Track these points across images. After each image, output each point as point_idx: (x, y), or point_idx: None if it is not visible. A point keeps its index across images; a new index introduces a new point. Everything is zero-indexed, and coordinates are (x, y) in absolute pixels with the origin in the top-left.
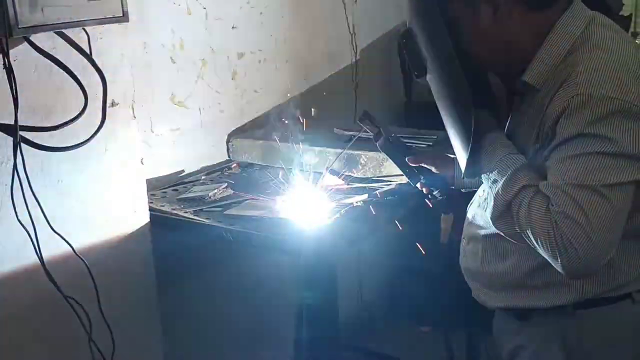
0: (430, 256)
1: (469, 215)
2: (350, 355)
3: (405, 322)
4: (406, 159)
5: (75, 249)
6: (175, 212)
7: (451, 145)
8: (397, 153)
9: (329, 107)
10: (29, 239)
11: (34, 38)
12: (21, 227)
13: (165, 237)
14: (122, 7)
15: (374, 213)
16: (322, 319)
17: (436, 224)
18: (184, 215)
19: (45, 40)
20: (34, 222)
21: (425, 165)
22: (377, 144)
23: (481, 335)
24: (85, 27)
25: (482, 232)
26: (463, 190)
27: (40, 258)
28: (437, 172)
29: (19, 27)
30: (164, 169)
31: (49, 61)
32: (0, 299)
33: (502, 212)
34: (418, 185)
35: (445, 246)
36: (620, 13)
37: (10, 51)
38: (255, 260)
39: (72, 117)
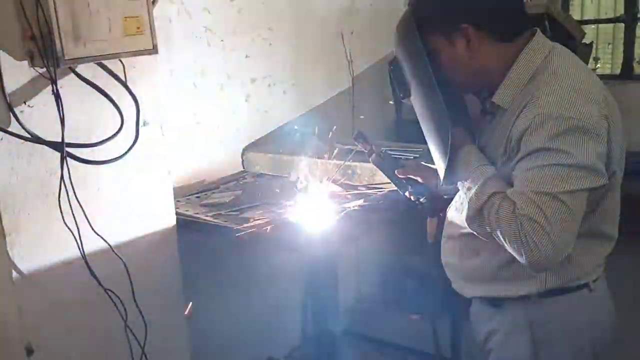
0: (418, 253)
1: (448, 217)
2: (349, 340)
3: (396, 310)
4: (395, 172)
5: (113, 247)
6: (198, 215)
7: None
8: (388, 166)
9: (329, 125)
10: (74, 240)
11: (77, 68)
12: (67, 229)
13: (189, 237)
14: (153, 41)
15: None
16: (325, 307)
17: (423, 225)
18: (206, 218)
19: (87, 70)
20: (78, 225)
21: (412, 176)
22: (370, 159)
23: (463, 321)
24: (121, 59)
25: (459, 231)
26: (445, 197)
27: (84, 256)
28: (423, 181)
29: (65, 59)
30: (188, 179)
31: (90, 87)
32: (49, 292)
33: (476, 215)
34: (406, 193)
35: (431, 245)
36: (583, 41)
37: (58, 80)
38: (266, 257)
39: (110, 135)
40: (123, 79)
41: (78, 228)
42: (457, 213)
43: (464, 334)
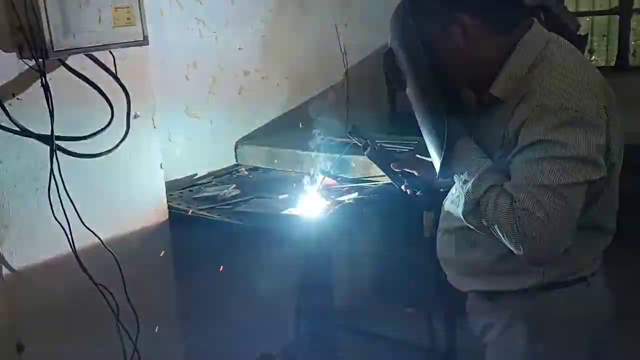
0: (414, 246)
1: (444, 210)
2: (344, 333)
3: (392, 304)
4: (391, 165)
5: (104, 242)
6: (190, 209)
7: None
8: (383, 160)
9: (324, 118)
10: (64, 234)
11: (67, 60)
12: (57, 224)
13: (182, 232)
14: (143, 32)
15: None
16: (319, 302)
17: (418, 218)
18: (198, 213)
19: (76, 61)
20: (68, 220)
21: (408, 170)
22: (365, 154)
23: (457, 314)
24: (111, 50)
25: (455, 225)
26: (442, 190)
27: (74, 251)
28: (418, 175)
29: (54, 50)
30: (181, 173)
31: (80, 80)
32: (39, 287)
33: (472, 208)
34: (402, 187)
35: (427, 239)
36: (578, 33)
37: (47, 72)
38: (260, 251)
39: (100, 128)
40: (113, 70)
41: (68, 222)
42: (453, 206)
43: (459, 328)
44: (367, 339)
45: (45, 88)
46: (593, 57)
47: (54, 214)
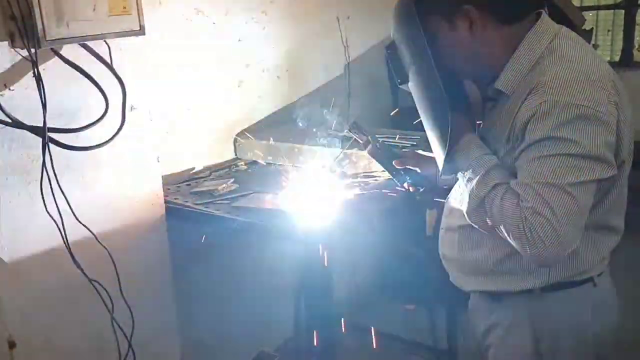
0: (415, 244)
1: (447, 207)
2: (343, 331)
3: (393, 301)
4: (393, 162)
5: (98, 237)
6: (187, 204)
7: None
8: (384, 157)
9: (325, 112)
10: (57, 229)
11: (61, 50)
12: (50, 218)
13: (179, 227)
14: (140, 22)
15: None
16: (319, 298)
17: (420, 215)
18: (196, 207)
19: (70, 51)
20: (61, 214)
21: (410, 167)
22: (366, 151)
23: (459, 312)
24: (106, 40)
25: (458, 223)
26: (445, 187)
27: (67, 246)
28: (421, 172)
29: (47, 39)
30: (178, 166)
31: (73, 70)
32: (32, 283)
33: (476, 207)
34: (405, 184)
35: (430, 237)
36: (583, 27)
37: (40, 62)
38: (259, 247)
39: (94, 120)
40: (108, 61)
41: (61, 216)
42: (456, 204)
43: (460, 326)
44: (367, 336)
45: (38, 78)
46: (598, 52)
47: (46, 208)
